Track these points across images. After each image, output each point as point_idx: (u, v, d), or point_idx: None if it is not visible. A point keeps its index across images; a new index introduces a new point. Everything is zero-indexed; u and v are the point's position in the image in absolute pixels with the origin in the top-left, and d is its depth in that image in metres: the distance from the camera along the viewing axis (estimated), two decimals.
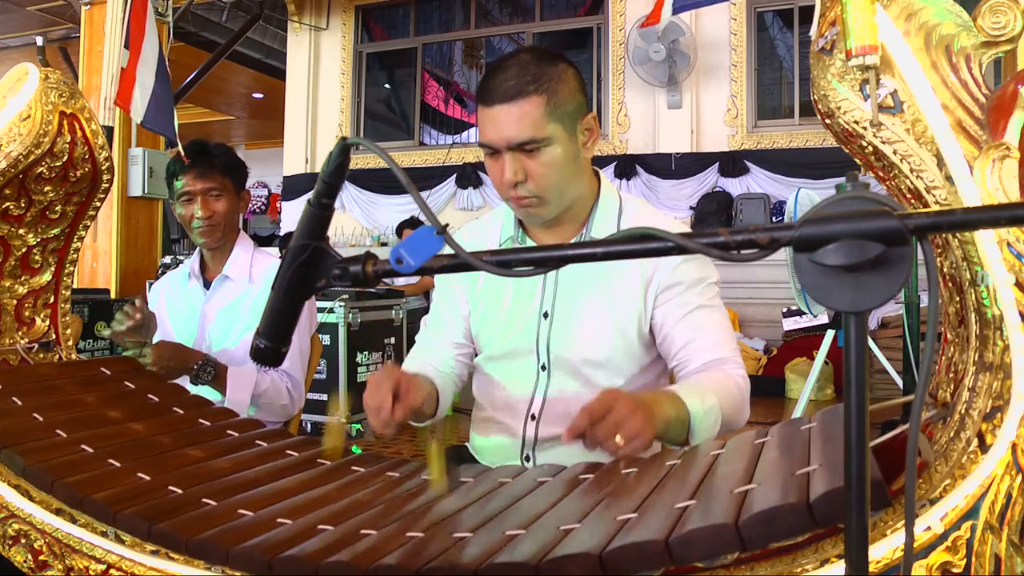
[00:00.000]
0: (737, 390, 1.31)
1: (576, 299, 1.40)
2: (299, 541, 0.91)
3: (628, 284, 1.38)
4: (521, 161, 1.30)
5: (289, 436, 1.42)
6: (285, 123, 9.16)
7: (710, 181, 7.35)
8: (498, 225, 1.51)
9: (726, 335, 1.39)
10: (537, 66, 1.30)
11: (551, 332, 1.41)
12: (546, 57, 1.33)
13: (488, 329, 1.48)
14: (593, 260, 0.64)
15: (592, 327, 1.39)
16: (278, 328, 0.81)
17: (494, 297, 1.47)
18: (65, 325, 1.69)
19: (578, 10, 8.35)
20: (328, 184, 0.79)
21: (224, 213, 1.98)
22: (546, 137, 1.29)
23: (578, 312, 1.40)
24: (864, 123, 0.90)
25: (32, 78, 1.46)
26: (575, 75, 1.35)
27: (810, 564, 0.77)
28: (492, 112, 1.29)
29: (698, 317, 1.36)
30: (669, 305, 1.37)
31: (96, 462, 1.16)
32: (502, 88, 1.28)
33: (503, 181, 1.32)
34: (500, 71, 1.31)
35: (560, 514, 0.93)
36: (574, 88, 1.33)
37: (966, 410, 0.84)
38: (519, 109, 1.27)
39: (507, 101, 1.28)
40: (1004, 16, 0.87)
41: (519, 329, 1.43)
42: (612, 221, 1.42)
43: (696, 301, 1.37)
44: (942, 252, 0.94)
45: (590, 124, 1.36)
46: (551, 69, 1.31)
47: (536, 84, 1.28)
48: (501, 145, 1.30)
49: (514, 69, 1.30)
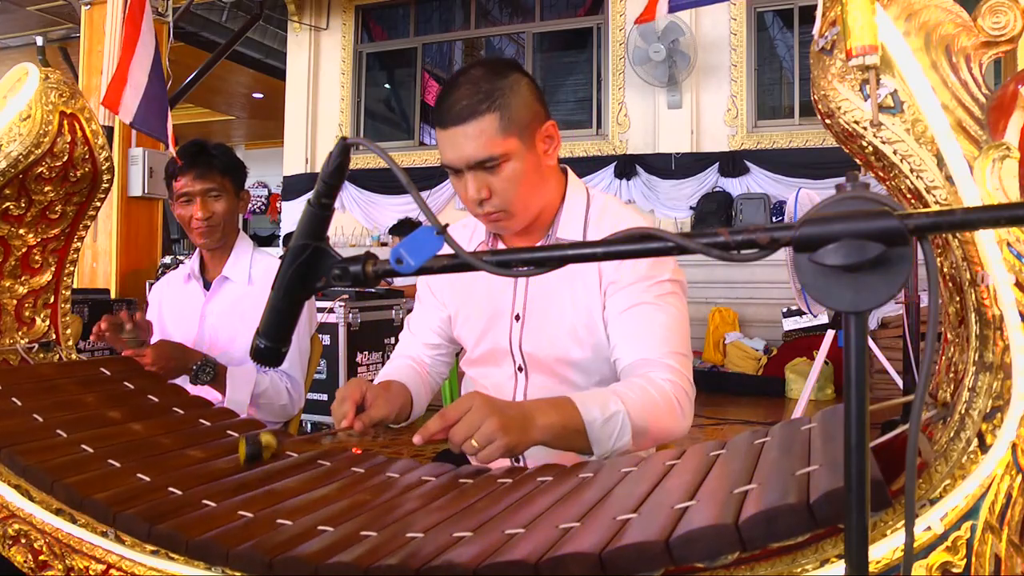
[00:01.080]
0: (660, 396, 1.24)
1: (545, 300, 1.41)
2: (299, 542, 0.91)
3: (588, 281, 1.38)
4: (483, 179, 1.30)
5: (289, 436, 1.42)
6: (285, 123, 9.16)
7: (710, 181, 7.36)
8: (471, 230, 1.53)
9: (664, 336, 1.32)
10: (488, 81, 1.29)
11: (523, 333, 1.42)
12: (498, 70, 1.32)
13: (467, 332, 1.51)
14: (593, 260, 0.64)
15: (561, 327, 1.39)
16: (278, 328, 0.81)
17: (469, 300, 1.49)
18: (65, 325, 1.69)
19: (578, 10, 8.35)
20: (328, 184, 0.79)
21: (223, 214, 1.98)
22: (504, 153, 1.28)
23: (548, 312, 1.40)
24: (864, 123, 0.90)
25: (32, 78, 1.46)
26: (529, 85, 1.34)
27: (810, 564, 0.77)
28: (448, 134, 1.29)
29: (636, 314, 1.33)
30: (612, 300, 1.36)
31: (96, 462, 1.15)
32: (455, 109, 1.28)
33: (468, 200, 1.32)
34: (452, 90, 1.30)
35: (560, 514, 0.93)
36: (528, 99, 1.32)
37: (966, 410, 0.84)
38: (473, 129, 1.27)
39: (461, 122, 1.27)
40: (1004, 16, 0.87)
41: (494, 332, 1.45)
42: (579, 221, 1.42)
43: (638, 298, 1.34)
44: (942, 252, 0.94)
45: (549, 132, 1.36)
46: (502, 83, 1.29)
47: (488, 101, 1.27)
48: (461, 165, 1.30)
49: (465, 88, 1.28)
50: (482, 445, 1.07)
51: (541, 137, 1.35)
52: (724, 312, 6.61)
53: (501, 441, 1.07)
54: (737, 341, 6.40)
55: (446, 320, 1.55)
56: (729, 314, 6.61)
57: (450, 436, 1.09)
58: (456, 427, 1.08)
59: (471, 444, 1.07)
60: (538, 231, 1.43)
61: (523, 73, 1.35)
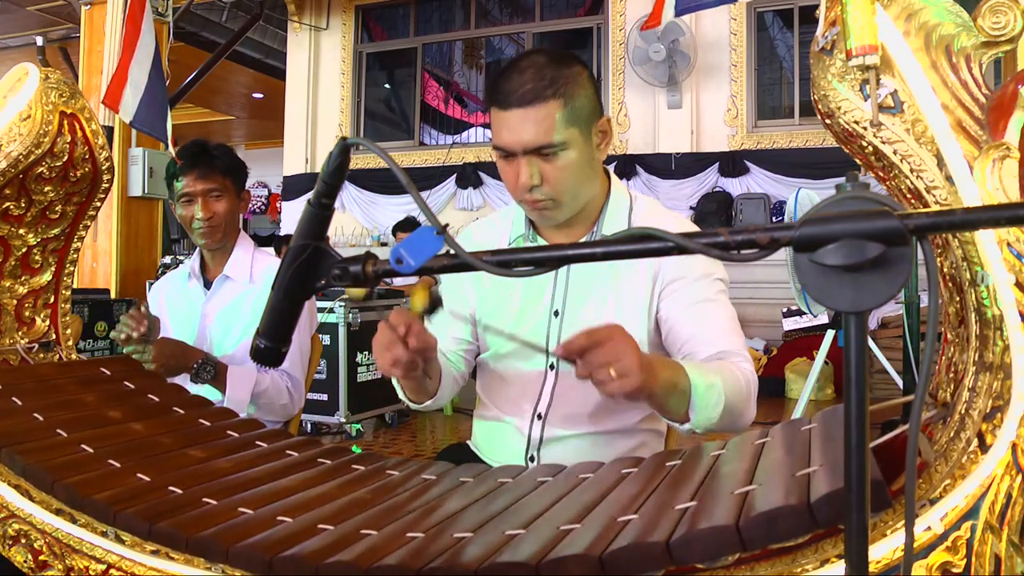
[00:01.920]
0: (744, 382, 1.26)
1: (586, 297, 1.40)
2: (299, 540, 0.91)
3: (636, 280, 1.38)
4: (537, 165, 1.29)
5: (289, 436, 1.42)
6: (285, 123, 9.16)
7: (710, 181, 7.35)
8: (508, 223, 1.51)
9: (733, 329, 1.35)
10: (554, 69, 1.28)
11: (561, 330, 1.40)
12: (562, 59, 1.31)
13: (496, 324, 1.47)
14: (593, 260, 0.64)
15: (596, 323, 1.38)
16: (278, 328, 0.81)
17: (503, 295, 1.47)
18: (65, 325, 1.69)
19: (578, 10, 8.35)
20: (328, 184, 0.79)
21: (224, 214, 1.98)
22: (563, 142, 1.28)
23: (588, 310, 1.39)
24: (864, 123, 0.90)
25: (32, 78, 1.46)
26: (590, 78, 1.34)
27: (810, 564, 0.77)
28: (507, 116, 1.28)
29: (703, 310, 1.35)
30: (674, 298, 1.36)
31: (96, 462, 1.16)
32: (519, 92, 1.26)
33: (518, 185, 1.31)
34: (516, 73, 1.29)
35: (560, 514, 0.93)
36: (590, 91, 1.32)
37: (966, 410, 0.84)
38: (536, 113, 1.26)
39: (524, 105, 1.26)
40: (1004, 16, 0.87)
41: (529, 327, 1.43)
42: (622, 220, 1.42)
43: (702, 294, 1.36)
44: (942, 252, 0.94)
45: (604, 127, 1.36)
46: (567, 72, 1.29)
47: (553, 88, 1.26)
48: (517, 149, 1.29)
49: (531, 72, 1.28)
50: (619, 376, 1.03)
51: (597, 130, 1.35)
52: None
53: (636, 378, 1.03)
54: None
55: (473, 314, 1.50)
56: None
57: (589, 357, 1.05)
58: (600, 350, 1.04)
59: (608, 371, 1.03)
60: (581, 225, 1.43)
61: (584, 66, 1.35)
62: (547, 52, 1.34)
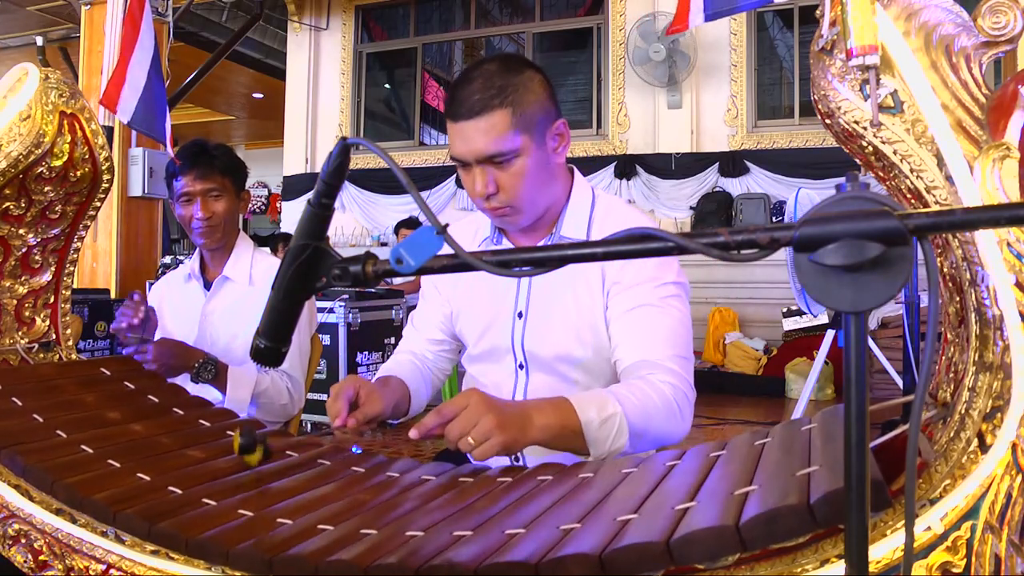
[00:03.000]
0: (660, 399, 1.24)
1: (548, 298, 1.41)
2: (299, 541, 0.91)
3: (591, 281, 1.39)
4: (492, 173, 1.30)
5: (289, 436, 1.42)
6: (285, 123, 9.16)
7: (710, 181, 7.35)
8: (476, 226, 1.53)
9: (667, 338, 1.32)
10: (502, 77, 1.29)
11: (525, 331, 1.42)
12: (512, 66, 1.32)
13: (468, 329, 1.51)
14: (593, 260, 0.64)
15: (564, 325, 1.40)
16: (278, 328, 0.81)
17: (472, 298, 1.50)
18: (65, 325, 1.69)
19: (578, 10, 8.35)
20: (328, 184, 0.79)
21: (224, 214, 1.98)
22: (514, 149, 1.29)
23: (550, 311, 1.41)
24: (864, 123, 0.90)
25: (32, 78, 1.46)
26: (543, 82, 1.34)
27: (810, 564, 0.77)
28: (459, 127, 1.29)
29: (637, 316, 1.33)
30: (616, 300, 1.36)
31: (96, 462, 1.16)
32: (468, 102, 1.28)
33: (475, 193, 1.33)
34: (466, 83, 1.30)
35: (560, 514, 0.93)
36: (542, 96, 1.32)
37: (966, 410, 0.84)
38: (486, 123, 1.27)
39: (473, 116, 1.27)
40: (1004, 16, 0.87)
41: (496, 329, 1.46)
42: (582, 221, 1.42)
43: (640, 299, 1.34)
44: (942, 252, 0.94)
45: (560, 130, 1.36)
46: (516, 79, 1.29)
47: (501, 96, 1.27)
48: (470, 159, 1.30)
49: (479, 82, 1.29)
50: (478, 442, 1.07)
51: (551, 135, 1.35)
52: (724, 312, 6.61)
53: (497, 439, 1.07)
54: (737, 341, 6.40)
55: (449, 316, 1.55)
56: (729, 314, 6.61)
57: (446, 432, 1.09)
58: (452, 423, 1.09)
59: (467, 441, 1.07)
60: (543, 228, 1.44)
61: (537, 70, 1.35)
62: (499, 59, 1.34)
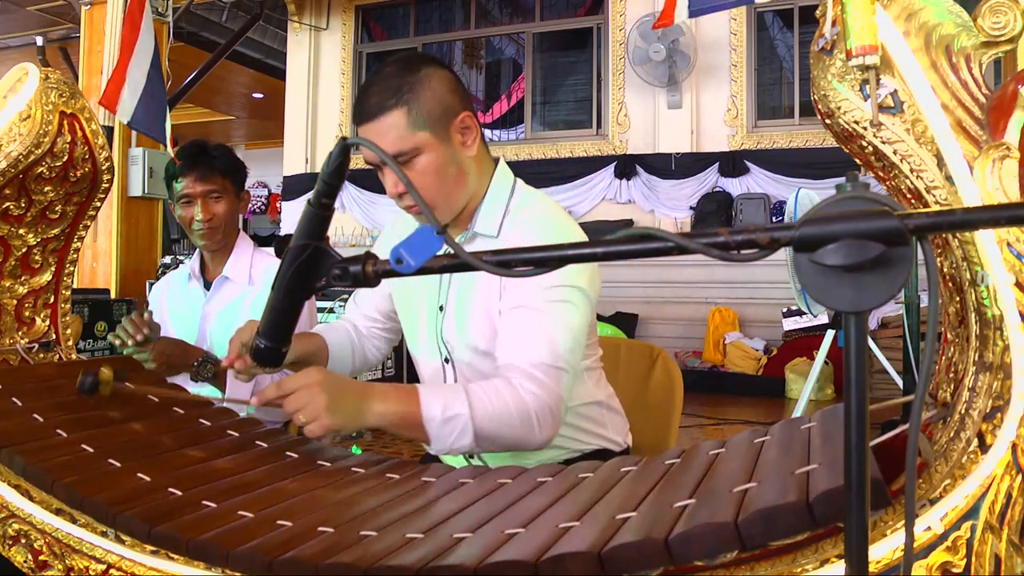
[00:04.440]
0: (516, 407, 1.22)
1: (466, 292, 1.43)
2: (299, 542, 0.91)
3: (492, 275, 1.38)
4: None
5: (289, 436, 1.42)
6: (285, 123, 9.16)
7: (710, 181, 7.35)
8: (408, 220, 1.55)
9: (540, 343, 1.27)
10: (398, 77, 1.30)
11: (443, 324, 1.45)
12: (411, 65, 1.33)
13: (404, 322, 1.57)
14: (594, 260, 0.64)
15: (477, 317, 1.41)
16: (278, 328, 0.81)
17: (407, 290, 1.53)
18: (65, 325, 1.69)
19: (578, 10, 8.35)
20: (328, 184, 0.79)
21: (224, 215, 1.98)
22: (414, 147, 1.30)
23: (466, 303, 1.42)
24: (864, 123, 0.90)
25: (32, 78, 1.46)
26: (442, 77, 1.34)
27: (810, 564, 0.77)
28: (362, 131, 1.31)
29: (516, 316, 1.32)
30: (504, 296, 1.37)
31: (96, 462, 1.15)
32: (366, 105, 1.30)
33: (389, 194, 1.34)
34: (366, 87, 1.32)
35: (559, 513, 0.93)
36: (439, 92, 1.32)
37: (966, 410, 0.84)
38: (381, 125, 1.29)
39: (371, 119, 1.29)
40: (1004, 16, 0.87)
41: (424, 324, 1.49)
42: (498, 215, 1.41)
43: (523, 300, 1.32)
44: (942, 252, 0.94)
45: (466, 123, 1.35)
46: (411, 77, 1.30)
47: (396, 97, 1.28)
48: (376, 161, 1.29)
49: (376, 85, 1.30)
50: (308, 421, 1.13)
51: (456, 129, 1.34)
52: (724, 312, 6.60)
53: (325, 420, 1.13)
54: (737, 341, 6.40)
55: (387, 298, 1.62)
56: (729, 314, 6.61)
57: (284, 405, 1.15)
58: (290, 398, 1.15)
59: (298, 418, 1.14)
60: (462, 224, 1.43)
61: (438, 66, 1.35)
62: (399, 60, 1.35)
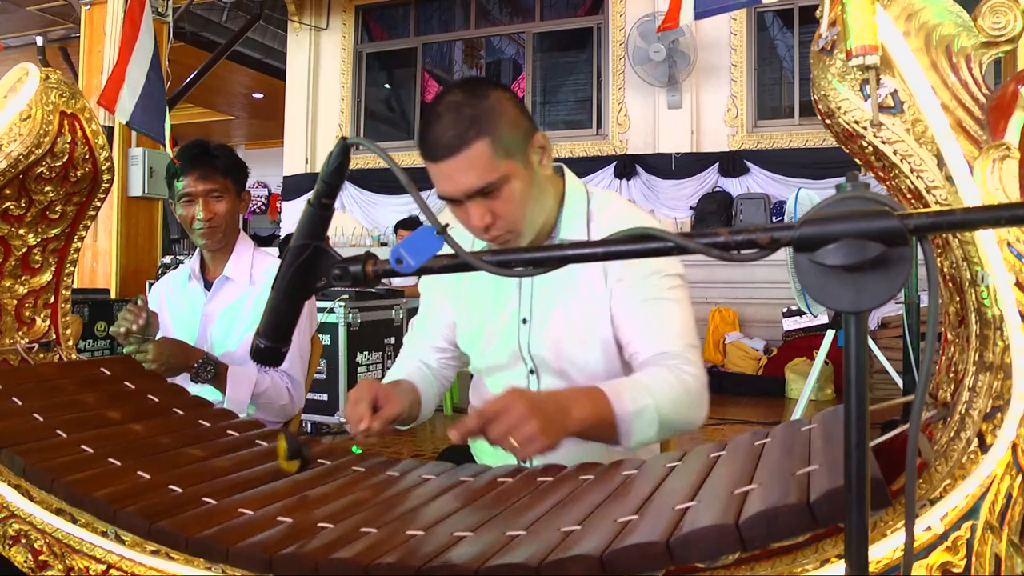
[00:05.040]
0: (683, 389, 1.25)
1: (551, 302, 1.41)
2: (299, 539, 0.91)
3: (593, 280, 1.38)
4: (485, 205, 1.27)
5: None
6: (285, 123, 9.15)
7: (710, 181, 7.35)
8: None
9: (680, 329, 1.33)
10: (471, 105, 1.25)
11: (531, 337, 1.42)
12: (477, 91, 1.28)
13: (475, 338, 1.50)
14: (593, 260, 0.64)
15: (568, 329, 1.39)
16: (278, 328, 0.81)
17: (475, 306, 1.49)
18: (65, 325, 1.69)
19: (578, 10, 8.35)
20: (328, 184, 0.79)
21: (225, 214, 1.98)
22: (501, 177, 1.26)
23: (553, 315, 1.40)
24: (864, 123, 0.90)
25: (32, 78, 1.46)
26: (511, 100, 1.31)
27: (810, 564, 0.77)
28: (440, 168, 1.26)
29: (650, 308, 1.34)
30: (622, 296, 1.36)
31: (96, 462, 1.16)
32: (443, 141, 1.24)
33: (472, 228, 1.30)
34: (435, 121, 1.26)
35: (561, 515, 0.93)
36: (514, 116, 1.29)
37: (966, 410, 0.84)
38: (466, 159, 1.24)
39: (452, 154, 1.24)
40: (1004, 16, 0.87)
41: (503, 337, 1.45)
42: (581, 219, 1.41)
43: (649, 292, 1.34)
44: (942, 252, 0.94)
45: (541, 142, 1.33)
46: (485, 104, 1.26)
47: (476, 128, 1.24)
48: (460, 196, 1.27)
49: (449, 117, 1.25)
50: (521, 445, 1.06)
51: (533, 150, 1.32)
52: (724, 312, 6.60)
53: (539, 441, 1.06)
54: (737, 341, 6.39)
55: (451, 325, 1.54)
56: (729, 314, 6.61)
57: (488, 433, 1.08)
58: (495, 425, 1.07)
59: (510, 443, 1.06)
60: (542, 238, 1.42)
61: (502, 89, 1.32)
62: (461, 87, 1.29)
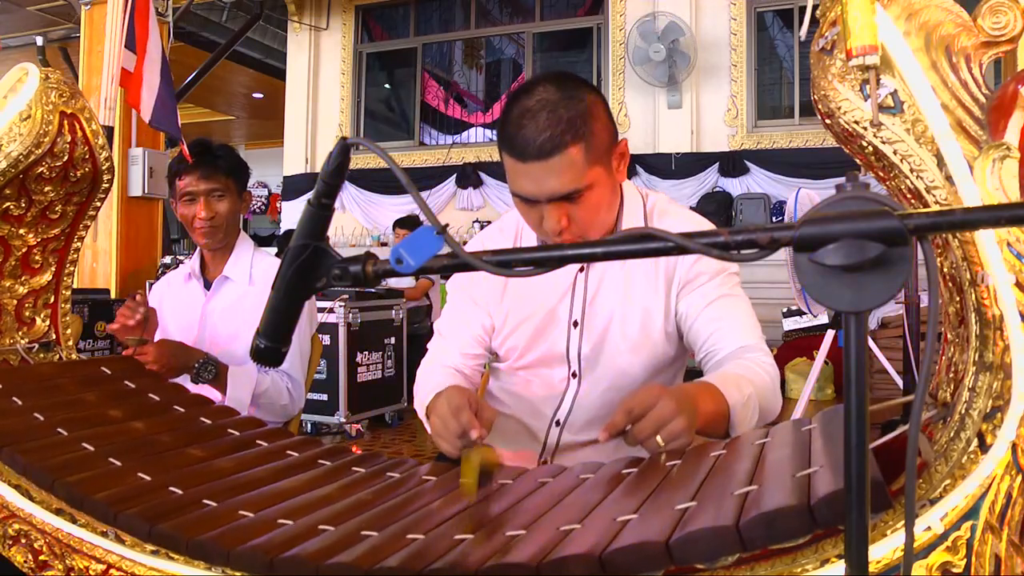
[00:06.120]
0: (768, 378, 1.30)
1: (604, 306, 1.40)
2: (300, 541, 0.91)
3: (650, 284, 1.39)
4: (564, 209, 1.23)
5: (290, 436, 1.42)
6: (285, 123, 9.16)
7: (710, 181, 7.35)
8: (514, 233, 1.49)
9: (751, 323, 1.37)
10: (568, 107, 1.20)
11: (582, 341, 1.41)
12: (572, 93, 1.23)
13: (515, 338, 1.47)
14: (593, 260, 0.64)
15: (622, 337, 1.39)
16: (278, 328, 0.81)
17: (520, 308, 1.46)
18: (65, 325, 1.69)
19: (578, 10, 8.35)
20: (328, 184, 0.79)
21: (226, 214, 1.98)
22: (589, 183, 1.22)
23: (606, 320, 1.40)
24: (864, 123, 0.90)
25: (32, 78, 1.46)
26: (603, 104, 1.28)
27: (810, 564, 0.77)
28: (528, 168, 1.21)
29: (721, 306, 1.36)
30: (691, 297, 1.37)
31: (96, 461, 1.15)
32: (537, 143, 1.18)
33: (545, 229, 1.27)
34: (528, 119, 1.20)
35: (561, 515, 0.93)
36: (604, 121, 1.26)
37: (966, 410, 0.84)
38: (559, 164, 1.19)
39: (544, 157, 1.18)
40: (1004, 16, 0.87)
41: (549, 337, 1.43)
42: (640, 223, 1.40)
43: (718, 291, 1.37)
44: (942, 252, 0.94)
45: (623, 150, 1.31)
46: (581, 106, 1.21)
47: (572, 132, 1.19)
48: (542, 199, 1.23)
49: (544, 116, 1.19)
50: (667, 442, 1.06)
51: (615, 156, 1.30)
52: None
53: (687, 437, 1.07)
54: None
55: (489, 329, 1.50)
56: None
57: (635, 430, 1.07)
58: (643, 423, 1.06)
59: (656, 441, 1.06)
60: None
61: (595, 91, 1.28)
62: (555, 83, 1.24)
